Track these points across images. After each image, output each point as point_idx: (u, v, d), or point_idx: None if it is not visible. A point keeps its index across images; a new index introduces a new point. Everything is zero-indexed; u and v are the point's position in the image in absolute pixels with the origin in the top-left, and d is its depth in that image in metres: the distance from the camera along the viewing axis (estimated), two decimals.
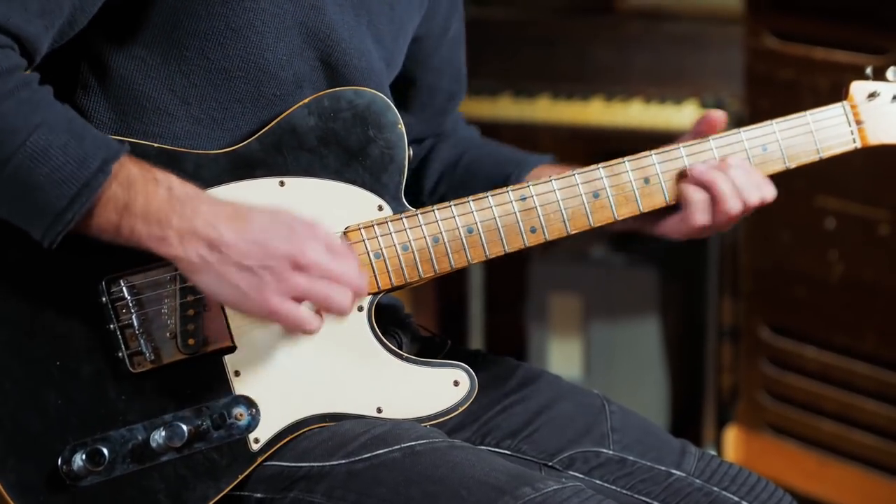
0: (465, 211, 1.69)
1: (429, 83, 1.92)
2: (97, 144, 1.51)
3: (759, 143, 1.76)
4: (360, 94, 1.67)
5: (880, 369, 3.11)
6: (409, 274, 1.67)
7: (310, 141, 1.65)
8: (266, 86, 1.65)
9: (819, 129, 1.79)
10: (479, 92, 3.64)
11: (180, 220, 1.51)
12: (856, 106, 1.80)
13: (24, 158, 1.48)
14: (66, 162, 1.49)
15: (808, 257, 3.17)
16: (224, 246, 1.51)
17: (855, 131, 1.80)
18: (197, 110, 1.64)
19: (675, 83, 3.53)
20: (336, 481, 1.59)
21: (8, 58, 1.49)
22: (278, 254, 1.52)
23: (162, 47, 1.61)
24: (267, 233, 1.52)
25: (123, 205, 1.51)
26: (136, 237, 1.52)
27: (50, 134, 1.49)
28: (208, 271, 1.52)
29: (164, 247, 1.52)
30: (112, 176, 1.51)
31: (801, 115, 1.79)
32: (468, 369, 1.68)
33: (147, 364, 1.60)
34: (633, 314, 3.75)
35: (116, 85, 1.63)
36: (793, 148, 1.77)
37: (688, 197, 1.72)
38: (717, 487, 1.75)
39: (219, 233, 1.51)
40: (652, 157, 1.73)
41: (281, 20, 1.63)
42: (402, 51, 1.81)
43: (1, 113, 1.47)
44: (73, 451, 1.57)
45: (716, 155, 1.74)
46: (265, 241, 1.52)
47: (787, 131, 1.78)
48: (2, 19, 1.49)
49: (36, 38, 1.52)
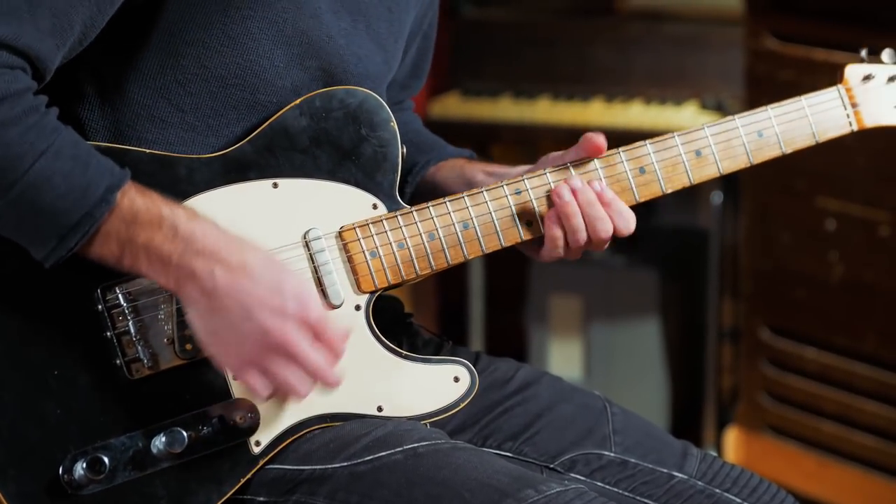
0: (461, 206, 1.68)
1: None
2: (101, 172, 1.51)
3: (754, 129, 1.76)
4: (352, 94, 1.67)
5: (880, 370, 3.11)
6: (405, 272, 1.67)
7: (302, 141, 1.65)
8: (262, 93, 1.64)
9: (815, 112, 1.78)
10: (480, 93, 3.64)
11: (179, 260, 1.51)
12: (851, 89, 1.80)
13: (28, 185, 1.48)
14: (70, 190, 1.49)
15: (809, 258, 3.17)
16: (216, 297, 1.51)
17: (851, 114, 1.80)
18: (192, 117, 1.64)
19: (676, 84, 3.53)
20: (338, 484, 1.59)
21: (17, 80, 1.48)
22: (260, 325, 1.51)
23: (158, 57, 1.61)
24: (260, 300, 1.51)
25: (126, 238, 1.51)
26: (136, 269, 1.53)
27: (55, 161, 1.49)
28: (198, 310, 1.53)
29: (163, 281, 1.53)
30: (116, 205, 1.51)
31: (797, 99, 1.78)
32: (468, 365, 1.68)
33: (145, 370, 1.59)
34: (633, 315, 3.75)
35: (111, 93, 1.62)
36: (789, 133, 1.77)
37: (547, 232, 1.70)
38: (718, 489, 1.75)
39: (214, 284, 1.51)
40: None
41: (279, 28, 1.63)
42: (400, 51, 1.81)
43: (7, 139, 1.47)
44: (74, 460, 1.56)
45: (713, 149, 1.74)
46: (252, 308, 1.51)
47: (783, 116, 1.77)
48: (13, 38, 1.48)
49: (47, 58, 1.51)
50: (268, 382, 1.55)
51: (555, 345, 3.83)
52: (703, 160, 1.75)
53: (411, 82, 1.96)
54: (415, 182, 1.85)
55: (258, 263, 1.53)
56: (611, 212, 1.69)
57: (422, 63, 1.96)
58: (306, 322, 1.53)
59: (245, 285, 1.52)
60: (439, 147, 1.91)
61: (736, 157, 1.76)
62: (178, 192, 1.59)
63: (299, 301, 1.53)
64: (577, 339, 3.81)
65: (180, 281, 1.52)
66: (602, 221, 1.68)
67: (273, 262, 1.55)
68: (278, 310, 1.52)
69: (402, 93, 1.95)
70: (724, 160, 1.75)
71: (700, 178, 1.75)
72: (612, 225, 1.69)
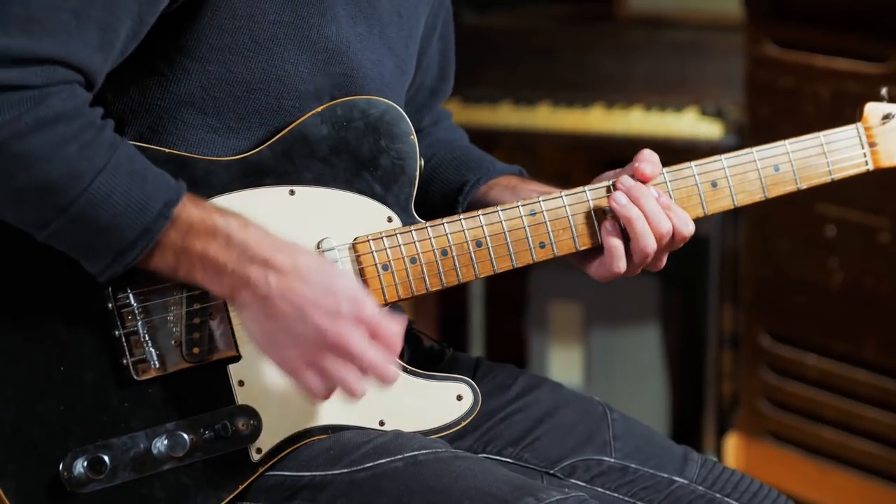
0: (475, 224, 1.68)
1: (415, 80, 1.88)
2: (158, 186, 1.52)
3: (771, 164, 1.76)
4: (374, 104, 1.66)
5: (880, 377, 3.11)
6: (416, 287, 1.67)
7: (321, 150, 1.65)
8: (286, 98, 1.64)
9: (832, 150, 1.78)
10: (480, 100, 3.64)
11: (235, 267, 1.52)
12: (870, 128, 1.80)
13: (87, 203, 1.48)
14: (128, 207, 1.49)
15: (809, 265, 3.17)
16: (270, 301, 1.52)
17: (868, 153, 1.79)
18: (214, 120, 1.63)
19: (676, 91, 3.54)
20: (338, 491, 1.59)
21: (73, 96, 1.48)
22: (315, 328, 1.52)
23: (184, 61, 1.60)
24: (314, 302, 1.52)
25: (181, 248, 1.52)
26: (191, 278, 1.54)
27: (112, 178, 1.49)
28: (254, 316, 1.54)
29: (218, 289, 1.54)
30: (173, 219, 1.52)
31: (815, 135, 1.78)
32: (472, 383, 1.68)
33: (151, 372, 1.60)
34: (633, 321, 3.75)
35: (133, 99, 1.62)
36: (805, 169, 1.77)
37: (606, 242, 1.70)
38: (719, 494, 1.75)
39: (268, 289, 1.52)
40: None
41: (305, 34, 1.63)
42: (413, 56, 1.80)
43: (66, 157, 1.47)
44: (75, 458, 1.57)
45: (729, 181, 1.74)
46: (307, 310, 1.52)
47: (800, 152, 1.77)
48: (65, 53, 1.47)
49: (97, 71, 1.51)
50: (326, 383, 1.55)
51: (555, 351, 3.83)
52: (719, 192, 1.74)
53: (440, 86, 1.95)
54: (466, 201, 1.83)
55: (310, 266, 1.54)
56: (670, 214, 1.69)
57: (446, 65, 1.95)
58: (361, 320, 1.53)
59: (298, 288, 1.52)
60: (488, 163, 1.89)
61: (751, 191, 1.75)
62: (195, 193, 1.59)
63: (353, 300, 1.53)
64: (577, 345, 3.81)
65: (236, 289, 1.53)
66: (663, 222, 1.68)
67: (325, 263, 1.56)
68: (333, 310, 1.52)
69: (433, 99, 1.95)
70: (739, 193, 1.75)
71: (714, 210, 1.75)
72: (671, 225, 1.69)
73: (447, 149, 1.92)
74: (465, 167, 1.87)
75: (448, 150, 1.92)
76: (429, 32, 1.88)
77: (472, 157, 1.91)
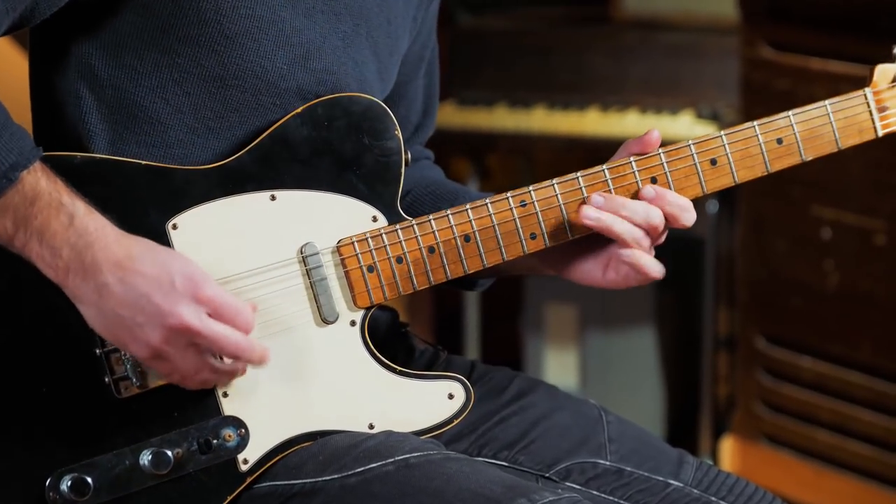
0: (463, 220, 1.65)
1: (399, 113, 1.81)
2: (10, 147, 1.48)
3: (773, 137, 1.68)
4: (356, 101, 1.63)
5: (876, 379, 3.11)
6: (402, 286, 1.64)
7: (302, 152, 1.62)
8: (265, 94, 1.62)
9: (838, 118, 1.69)
10: (475, 102, 3.64)
11: (71, 251, 1.49)
12: (880, 91, 1.70)
13: None
14: None
15: (804, 267, 3.17)
16: (105, 290, 1.49)
17: (877, 119, 1.70)
18: (191, 119, 1.62)
19: (672, 93, 3.54)
20: (330, 497, 1.58)
21: None
22: (155, 308, 1.49)
23: (152, 55, 1.59)
24: (147, 283, 1.49)
25: (22, 217, 1.49)
26: (27, 253, 1.50)
27: None
28: (89, 306, 1.51)
29: (51, 272, 1.50)
30: (18, 183, 1.48)
31: (819, 104, 1.69)
32: (464, 381, 1.67)
33: (133, 389, 1.57)
34: (629, 324, 3.75)
35: (108, 95, 1.61)
36: (810, 140, 1.69)
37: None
38: (714, 497, 1.74)
39: (103, 278, 1.49)
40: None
41: (279, 28, 1.61)
42: (395, 66, 1.78)
43: None
44: (60, 478, 1.54)
45: (729, 157, 1.68)
46: (143, 292, 1.49)
47: (804, 123, 1.69)
48: None
49: None
50: (178, 367, 1.52)
51: (551, 354, 3.83)
52: (718, 170, 1.68)
53: (424, 121, 1.92)
54: None
55: (144, 252, 1.51)
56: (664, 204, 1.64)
57: (430, 102, 1.93)
58: (200, 300, 1.50)
59: (133, 273, 1.49)
60: (463, 192, 1.86)
61: (753, 166, 1.68)
62: (174, 204, 1.58)
63: (189, 279, 1.50)
64: (572, 347, 3.81)
65: (69, 273, 1.49)
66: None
67: (158, 248, 1.53)
68: (167, 289, 1.49)
69: (416, 136, 1.92)
70: (740, 170, 1.68)
71: (714, 188, 1.69)
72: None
73: (423, 184, 1.88)
74: (441, 199, 1.83)
75: (423, 185, 1.88)
76: (417, 61, 1.86)
77: (448, 189, 1.88)
